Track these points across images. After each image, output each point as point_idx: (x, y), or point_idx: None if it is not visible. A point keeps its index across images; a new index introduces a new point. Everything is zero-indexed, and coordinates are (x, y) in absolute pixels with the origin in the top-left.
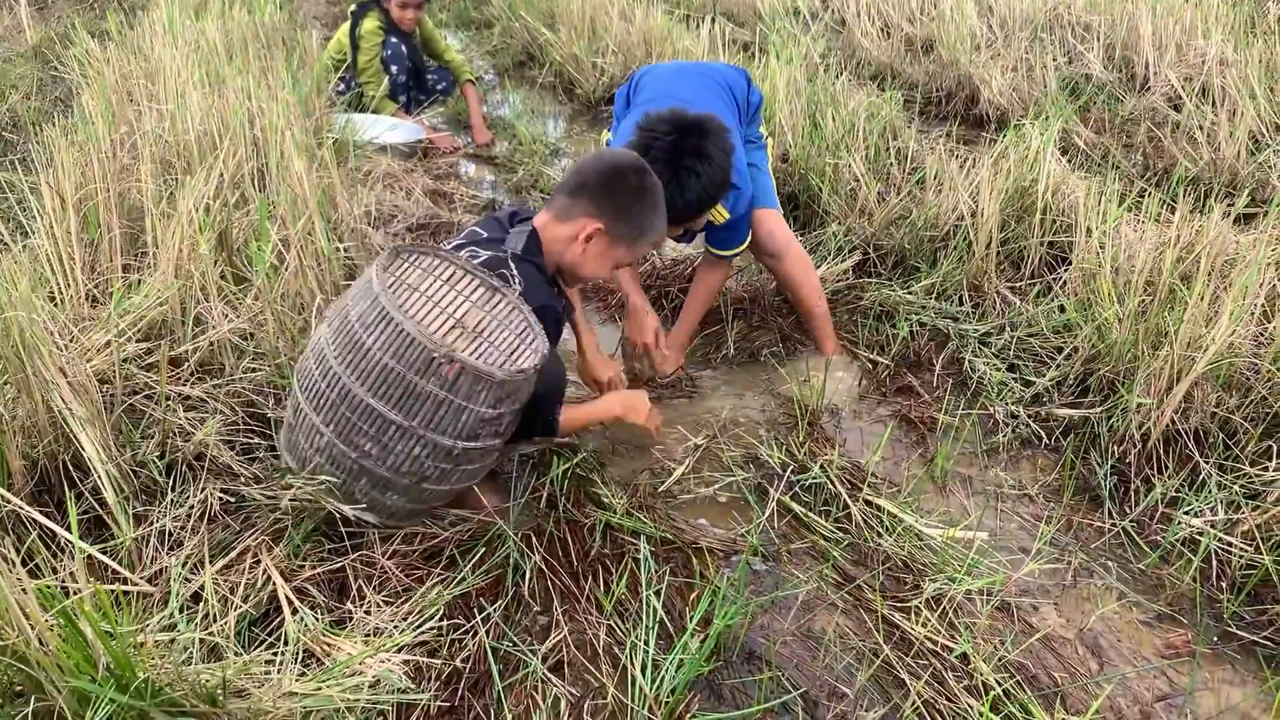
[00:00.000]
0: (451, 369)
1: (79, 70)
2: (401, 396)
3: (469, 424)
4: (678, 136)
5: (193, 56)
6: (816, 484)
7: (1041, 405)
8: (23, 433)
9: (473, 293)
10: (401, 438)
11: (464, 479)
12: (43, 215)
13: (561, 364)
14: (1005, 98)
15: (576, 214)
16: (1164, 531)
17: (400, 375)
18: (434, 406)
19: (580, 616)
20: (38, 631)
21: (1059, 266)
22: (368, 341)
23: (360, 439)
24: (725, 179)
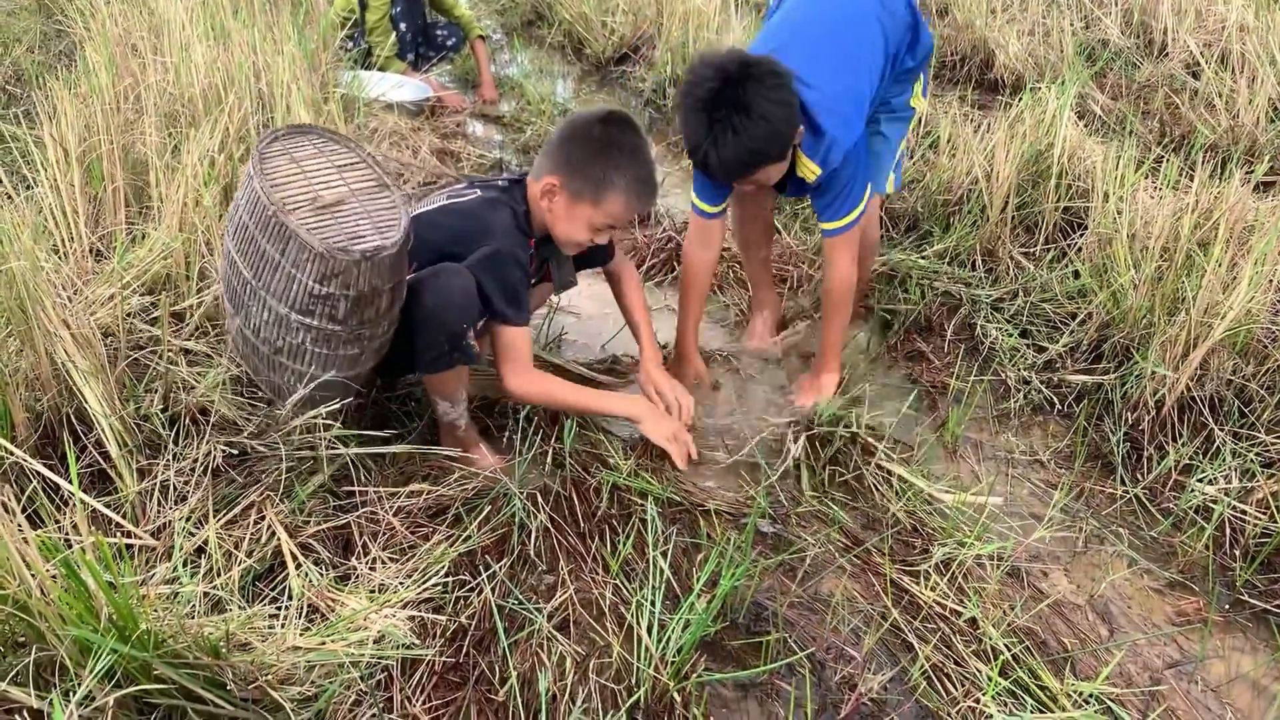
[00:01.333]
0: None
1: (82, 23)
2: (251, 254)
3: (298, 295)
4: (718, 84)
5: (197, 10)
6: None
7: (1054, 371)
8: (26, 385)
9: (357, 182)
10: (252, 298)
11: (321, 364)
12: (46, 168)
13: (472, 294)
14: (1021, 62)
15: (542, 171)
16: (1177, 499)
17: (251, 233)
18: (271, 269)
19: (586, 576)
20: (39, 581)
21: (1073, 232)
22: (237, 197)
23: (232, 297)
24: (774, 134)
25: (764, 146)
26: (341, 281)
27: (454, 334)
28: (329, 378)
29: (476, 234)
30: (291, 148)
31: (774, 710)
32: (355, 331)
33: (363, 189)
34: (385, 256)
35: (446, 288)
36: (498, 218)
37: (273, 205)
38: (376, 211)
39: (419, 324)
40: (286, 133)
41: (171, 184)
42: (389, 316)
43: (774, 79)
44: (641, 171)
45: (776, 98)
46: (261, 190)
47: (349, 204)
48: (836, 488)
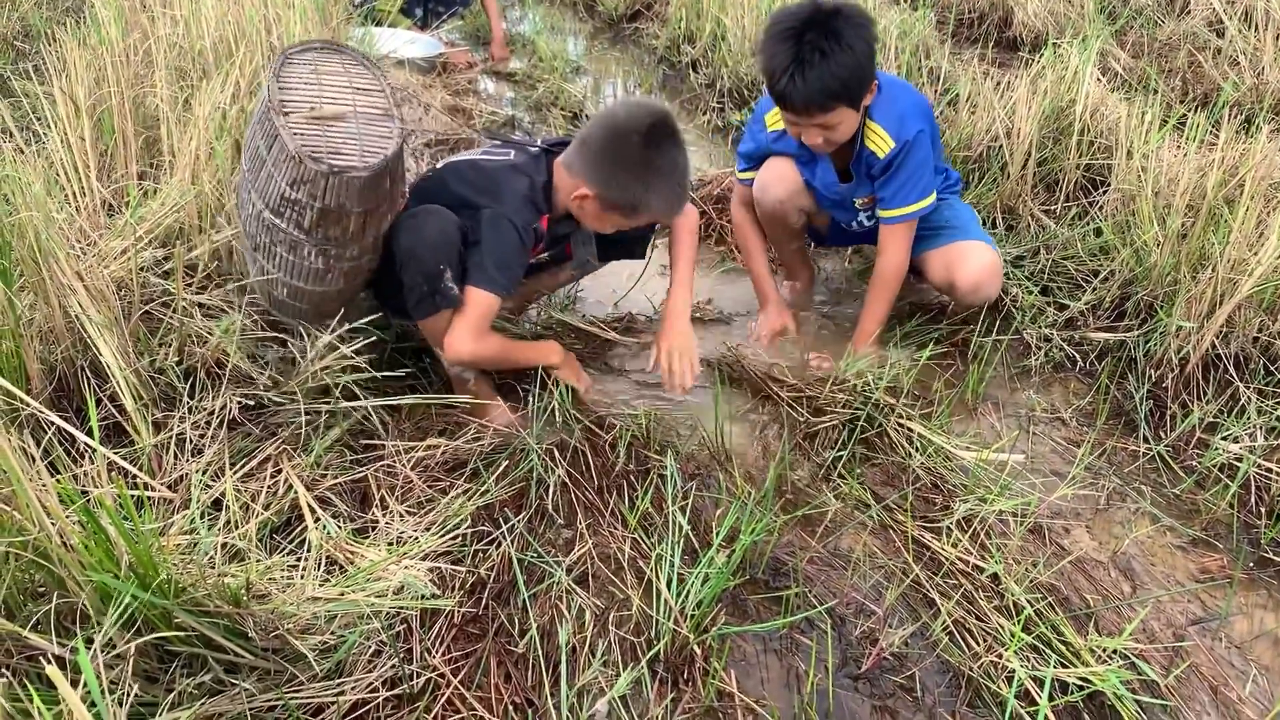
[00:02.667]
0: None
1: None
2: (250, 147)
3: (272, 195)
4: (811, 13)
5: None
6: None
7: (1075, 329)
8: (40, 338)
9: (366, 106)
10: (244, 188)
11: (289, 271)
12: (56, 122)
13: (450, 235)
14: (1039, 20)
15: (575, 171)
16: (1200, 457)
17: (253, 127)
18: (258, 165)
19: (604, 530)
20: (59, 528)
21: (1095, 190)
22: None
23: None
24: (857, 68)
25: (847, 77)
26: (309, 190)
27: (430, 274)
28: (296, 283)
29: (489, 195)
30: (319, 60)
31: (794, 664)
32: (320, 246)
33: (368, 114)
34: (355, 177)
35: (422, 226)
36: (515, 185)
37: (271, 104)
38: (370, 137)
39: (400, 266)
40: (321, 46)
41: (183, 137)
42: (360, 243)
43: (861, 18)
44: (677, 186)
45: (864, 34)
46: (269, 89)
47: (347, 123)
48: (857, 444)
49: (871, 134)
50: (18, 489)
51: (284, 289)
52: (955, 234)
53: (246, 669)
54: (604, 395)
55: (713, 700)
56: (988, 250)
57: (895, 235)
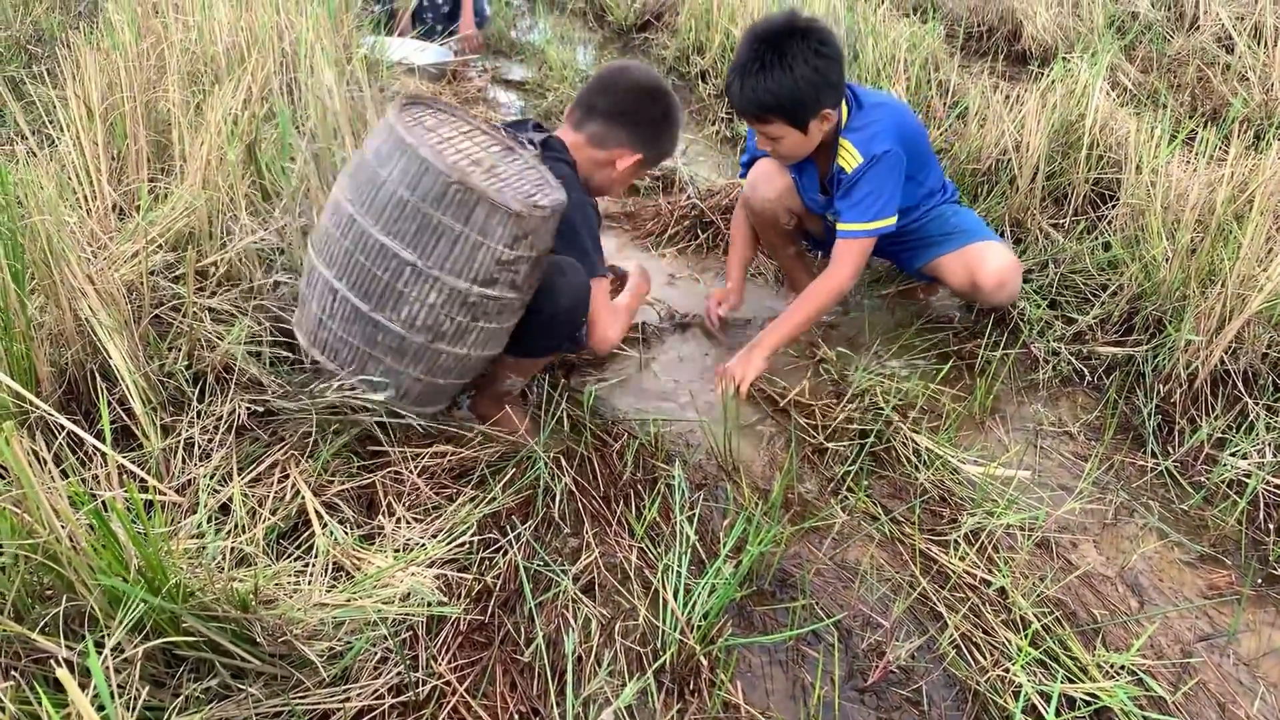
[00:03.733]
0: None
1: None
2: (416, 232)
3: (484, 265)
4: (780, 27)
5: None
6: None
7: (1084, 343)
8: (50, 340)
9: (490, 145)
10: (416, 281)
11: (480, 343)
12: (69, 126)
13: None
14: (1049, 34)
15: (612, 143)
16: (1209, 472)
17: (415, 208)
18: (449, 243)
19: (611, 539)
20: (69, 530)
21: (1104, 204)
22: (383, 174)
23: (375, 290)
24: (793, 92)
25: (782, 96)
26: (530, 242)
27: (575, 328)
28: (478, 354)
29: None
30: (422, 118)
31: (800, 676)
32: (523, 299)
33: (496, 153)
34: (557, 211)
35: (576, 286)
36: (558, 169)
37: (453, 173)
38: (523, 171)
39: (548, 318)
40: (409, 103)
41: (195, 141)
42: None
43: (821, 44)
44: (678, 135)
45: (813, 61)
46: (431, 158)
47: (499, 167)
48: (865, 457)
49: (843, 151)
50: (28, 491)
51: (455, 368)
52: (968, 237)
53: (253, 674)
54: (612, 405)
55: (718, 711)
56: (1005, 249)
57: (846, 250)
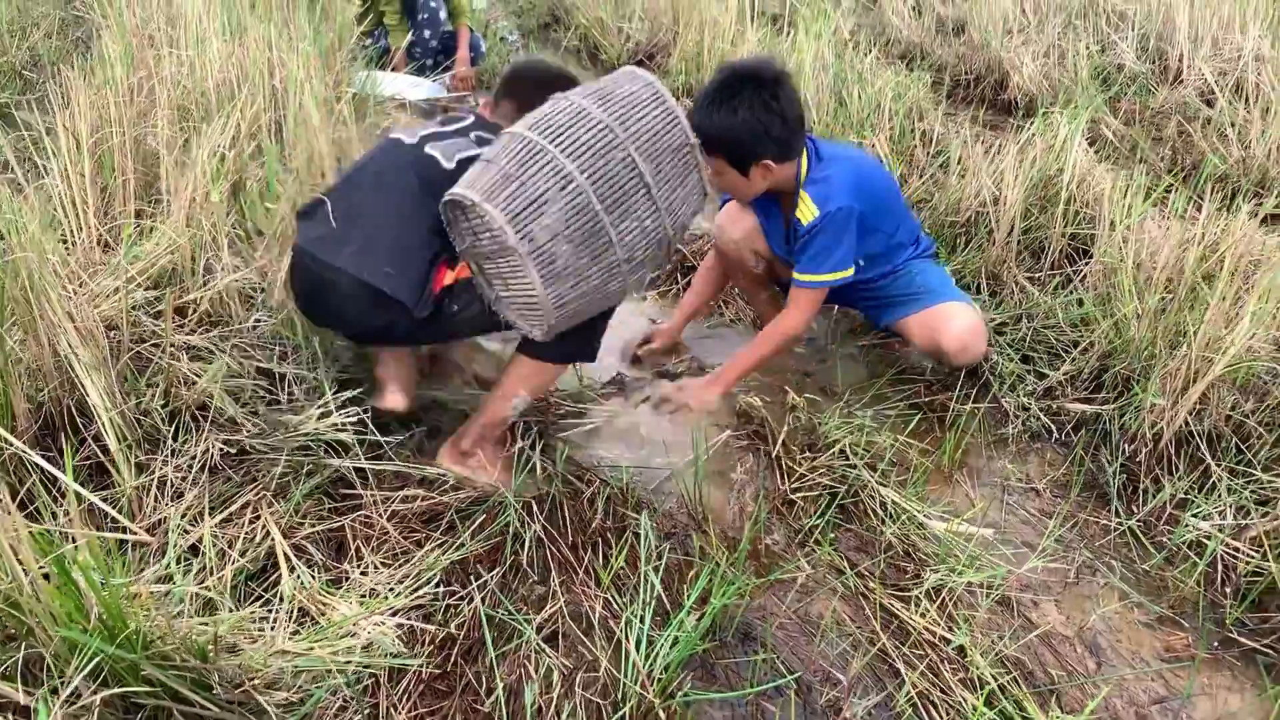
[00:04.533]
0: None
1: (100, 11)
2: (655, 167)
3: (679, 220)
4: (748, 72)
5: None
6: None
7: (1054, 399)
8: (28, 375)
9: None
10: (645, 202)
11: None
12: (57, 157)
13: None
14: (1035, 84)
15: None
16: (1171, 533)
17: (658, 147)
18: (671, 188)
19: (577, 588)
20: (31, 577)
21: (1079, 259)
22: (636, 112)
23: (610, 194)
24: (727, 132)
25: (719, 135)
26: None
27: (595, 346)
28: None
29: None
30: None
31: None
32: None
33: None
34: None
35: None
36: None
37: (691, 137)
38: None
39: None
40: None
41: (181, 179)
42: None
43: (773, 98)
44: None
45: (758, 111)
46: (682, 118)
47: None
48: (833, 511)
49: (802, 203)
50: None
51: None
52: (932, 297)
53: None
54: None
55: None
56: (968, 309)
57: (801, 297)
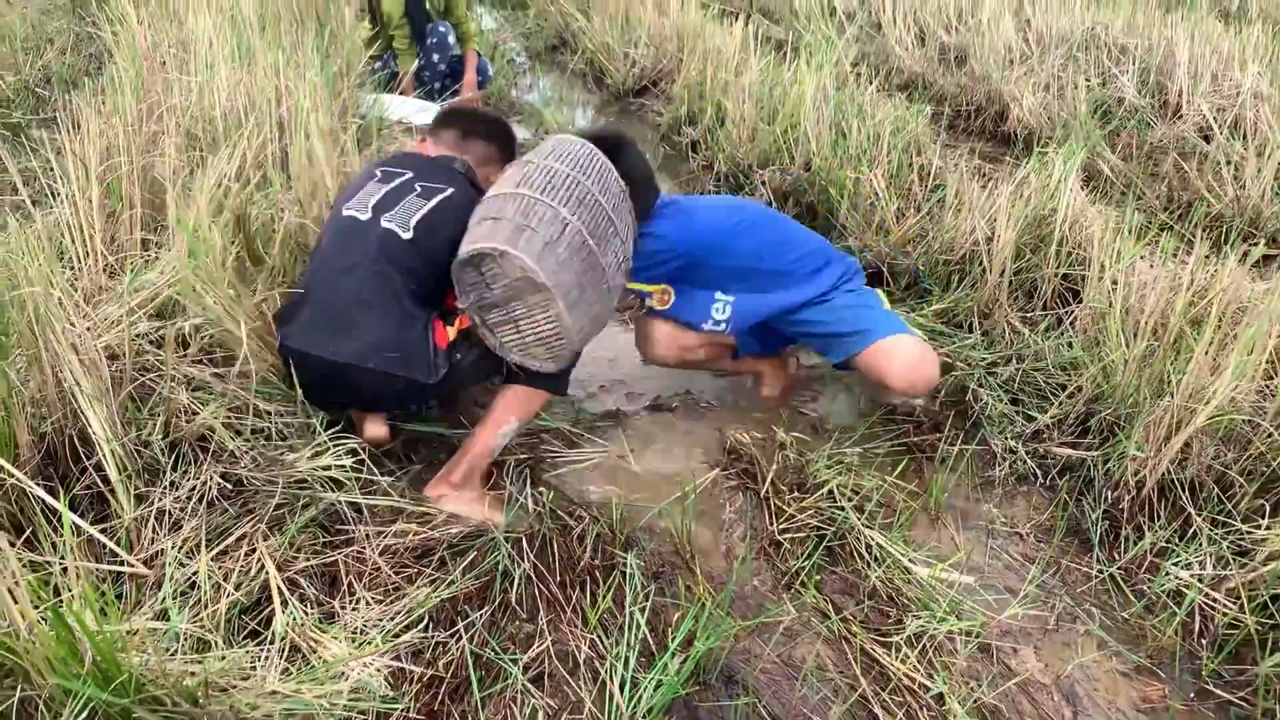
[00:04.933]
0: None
1: (111, 33)
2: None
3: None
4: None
5: (225, 26)
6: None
7: (1041, 442)
8: (32, 405)
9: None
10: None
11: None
12: (66, 182)
13: None
14: (1035, 117)
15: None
16: (1151, 581)
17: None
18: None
19: (565, 627)
20: (28, 623)
21: (1072, 300)
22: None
23: (597, 232)
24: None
25: None
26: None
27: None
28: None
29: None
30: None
31: None
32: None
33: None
34: None
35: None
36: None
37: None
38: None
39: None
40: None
41: (187, 208)
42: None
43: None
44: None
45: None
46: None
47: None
48: (820, 553)
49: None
50: None
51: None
52: (869, 336)
53: None
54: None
55: None
56: (908, 343)
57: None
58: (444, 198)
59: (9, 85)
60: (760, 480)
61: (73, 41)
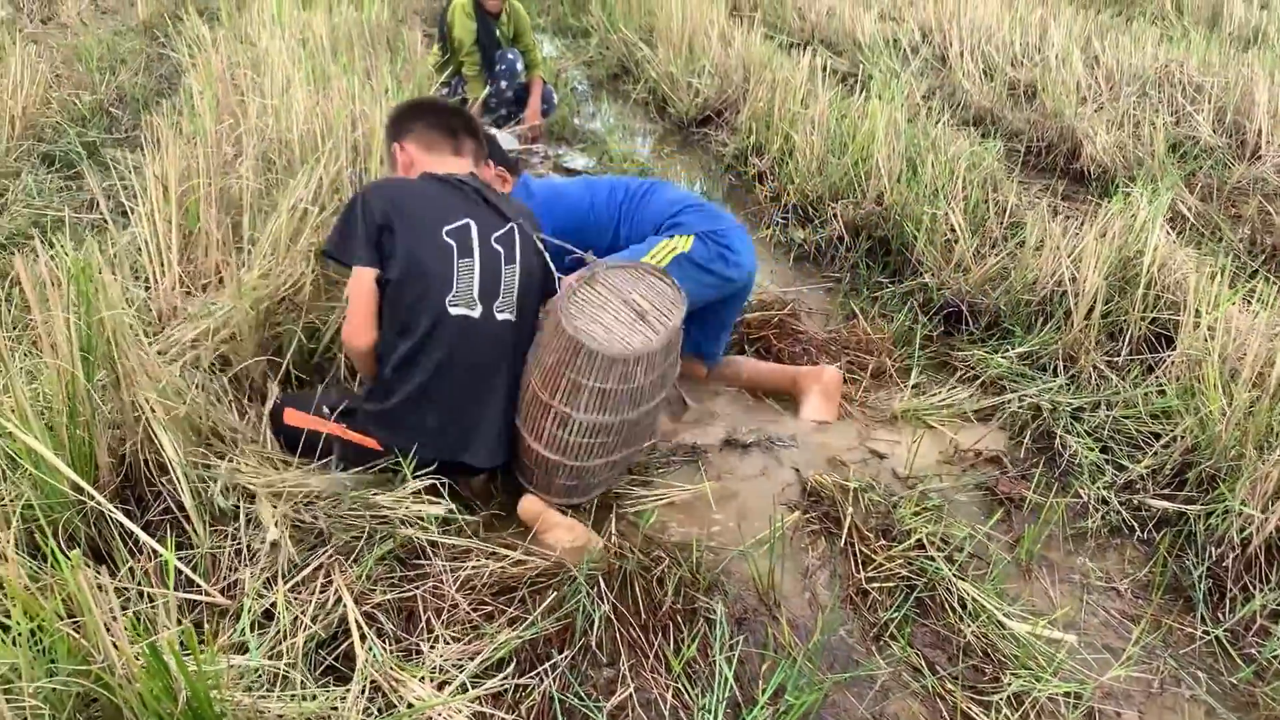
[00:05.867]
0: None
1: (188, 55)
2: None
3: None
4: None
5: (298, 49)
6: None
7: (1134, 493)
8: (112, 427)
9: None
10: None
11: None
12: (144, 201)
13: None
14: (1109, 155)
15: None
16: (1261, 646)
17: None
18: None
19: (647, 674)
20: (124, 660)
21: (1160, 345)
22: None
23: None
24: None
25: None
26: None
27: None
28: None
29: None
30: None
31: None
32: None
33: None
34: None
35: None
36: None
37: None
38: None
39: None
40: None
41: (264, 230)
42: None
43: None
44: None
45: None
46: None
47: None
48: (911, 606)
49: None
50: (88, 620)
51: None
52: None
53: None
54: (659, 525)
55: None
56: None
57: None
58: (516, 243)
59: (85, 105)
60: (843, 525)
61: (145, 63)
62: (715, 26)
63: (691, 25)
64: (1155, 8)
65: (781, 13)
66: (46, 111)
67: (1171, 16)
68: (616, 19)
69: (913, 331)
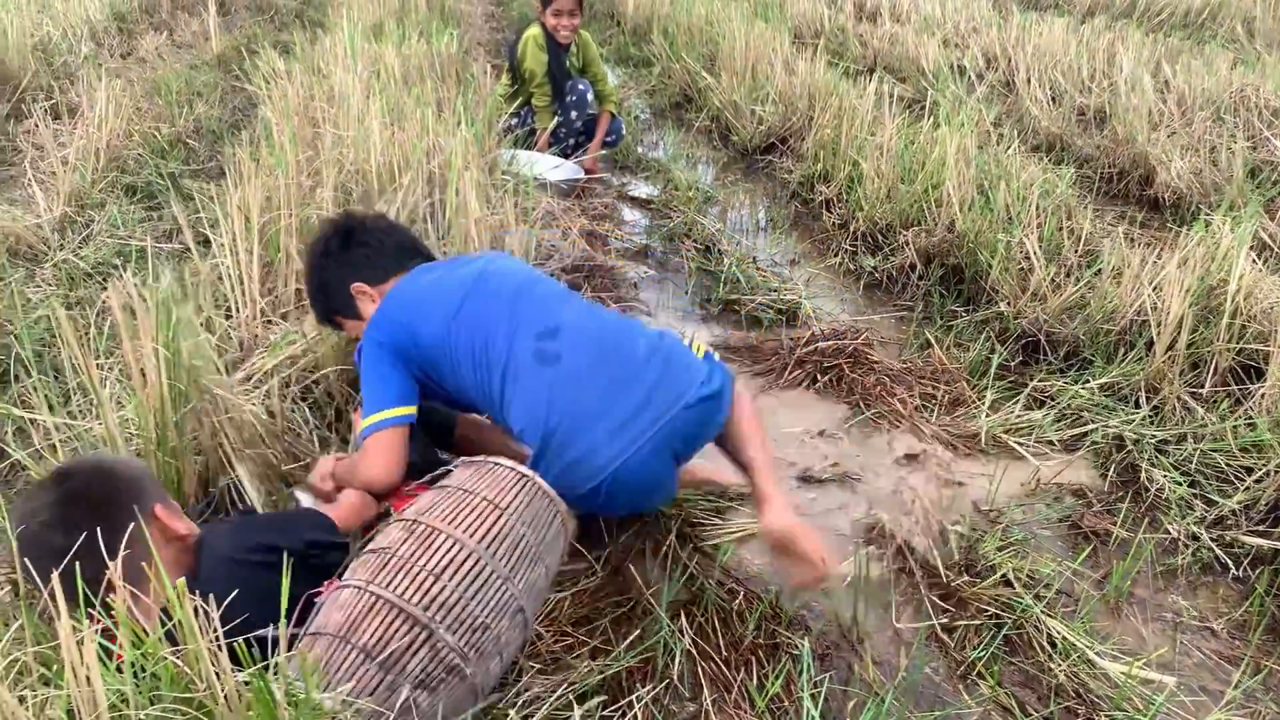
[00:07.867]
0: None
1: (264, 88)
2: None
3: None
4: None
5: (372, 82)
6: (992, 596)
7: (1226, 529)
8: (198, 453)
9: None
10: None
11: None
12: (226, 231)
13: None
14: (1184, 182)
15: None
16: None
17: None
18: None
19: (730, 709)
20: (227, 691)
21: (1247, 376)
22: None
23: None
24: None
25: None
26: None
27: None
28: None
29: None
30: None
31: None
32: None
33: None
34: None
35: None
36: None
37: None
38: None
39: None
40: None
41: None
42: None
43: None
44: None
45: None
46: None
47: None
48: (999, 645)
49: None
50: (194, 648)
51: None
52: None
53: None
54: (737, 558)
55: None
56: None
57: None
58: None
59: (164, 137)
60: (925, 560)
61: (220, 95)
62: (779, 54)
63: (754, 53)
64: (1226, 31)
65: (844, 40)
66: (129, 144)
67: (1243, 39)
68: (678, 48)
69: (989, 361)
